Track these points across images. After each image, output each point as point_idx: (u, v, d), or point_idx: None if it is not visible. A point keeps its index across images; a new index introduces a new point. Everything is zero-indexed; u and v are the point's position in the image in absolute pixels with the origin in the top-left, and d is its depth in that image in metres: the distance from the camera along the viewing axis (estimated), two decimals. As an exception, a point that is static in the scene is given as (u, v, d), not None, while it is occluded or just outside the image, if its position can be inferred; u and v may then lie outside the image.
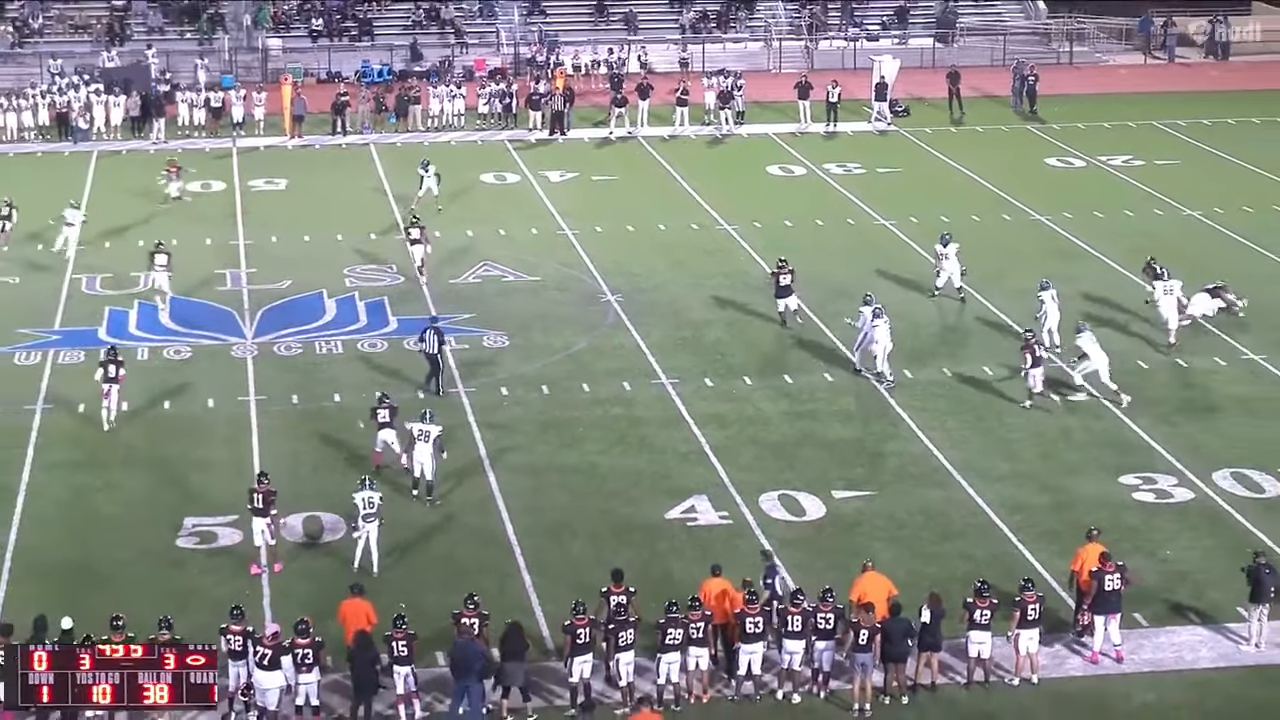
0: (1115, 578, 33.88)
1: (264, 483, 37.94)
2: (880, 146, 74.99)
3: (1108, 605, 33.95)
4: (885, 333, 47.22)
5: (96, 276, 56.27)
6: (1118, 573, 33.92)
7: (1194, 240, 60.97)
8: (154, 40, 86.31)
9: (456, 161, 70.36)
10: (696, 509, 40.34)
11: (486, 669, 32.16)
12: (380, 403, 42.76)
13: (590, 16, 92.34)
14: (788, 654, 32.94)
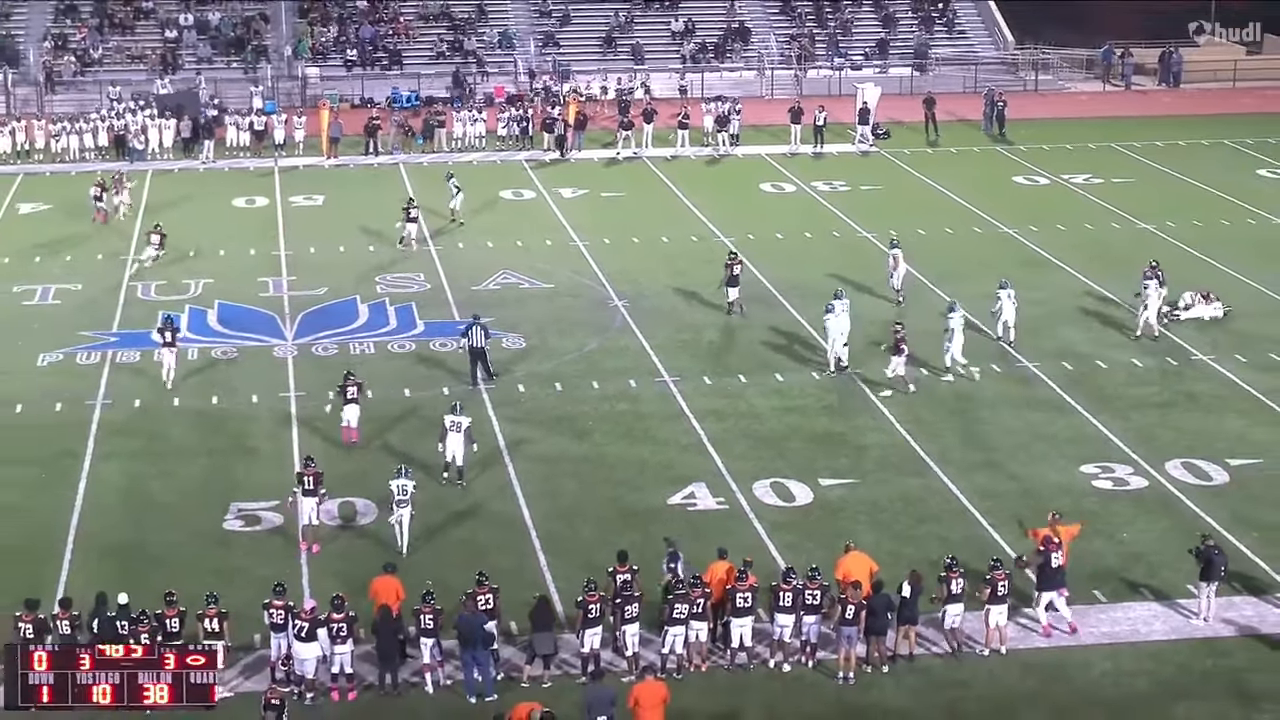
0: (1059, 555, 33.99)
1: (311, 465, 38.17)
2: (863, 166, 74.91)
3: (1054, 581, 34.10)
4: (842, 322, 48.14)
5: (151, 283, 56.27)
6: (1058, 550, 34.09)
7: (1148, 251, 60.63)
8: (203, 69, 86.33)
9: (478, 180, 70.32)
10: (696, 495, 40.35)
11: (489, 638, 32.26)
12: (347, 379, 43.36)
13: (600, 48, 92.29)
14: (779, 627, 32.97)
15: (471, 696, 31.94)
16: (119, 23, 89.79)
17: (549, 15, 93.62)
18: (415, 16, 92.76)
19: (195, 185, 70.57)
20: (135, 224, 62.94)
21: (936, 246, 60.94)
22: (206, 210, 65.62)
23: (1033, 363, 48.90)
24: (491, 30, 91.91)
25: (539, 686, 32.02)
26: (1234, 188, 69.95)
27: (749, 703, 31.94)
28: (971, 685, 32.59)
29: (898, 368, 46.81)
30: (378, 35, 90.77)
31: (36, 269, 57.98)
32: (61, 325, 52.20)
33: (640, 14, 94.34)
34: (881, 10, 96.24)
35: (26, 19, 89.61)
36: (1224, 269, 57.74)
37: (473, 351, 46.81)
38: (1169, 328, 51.50)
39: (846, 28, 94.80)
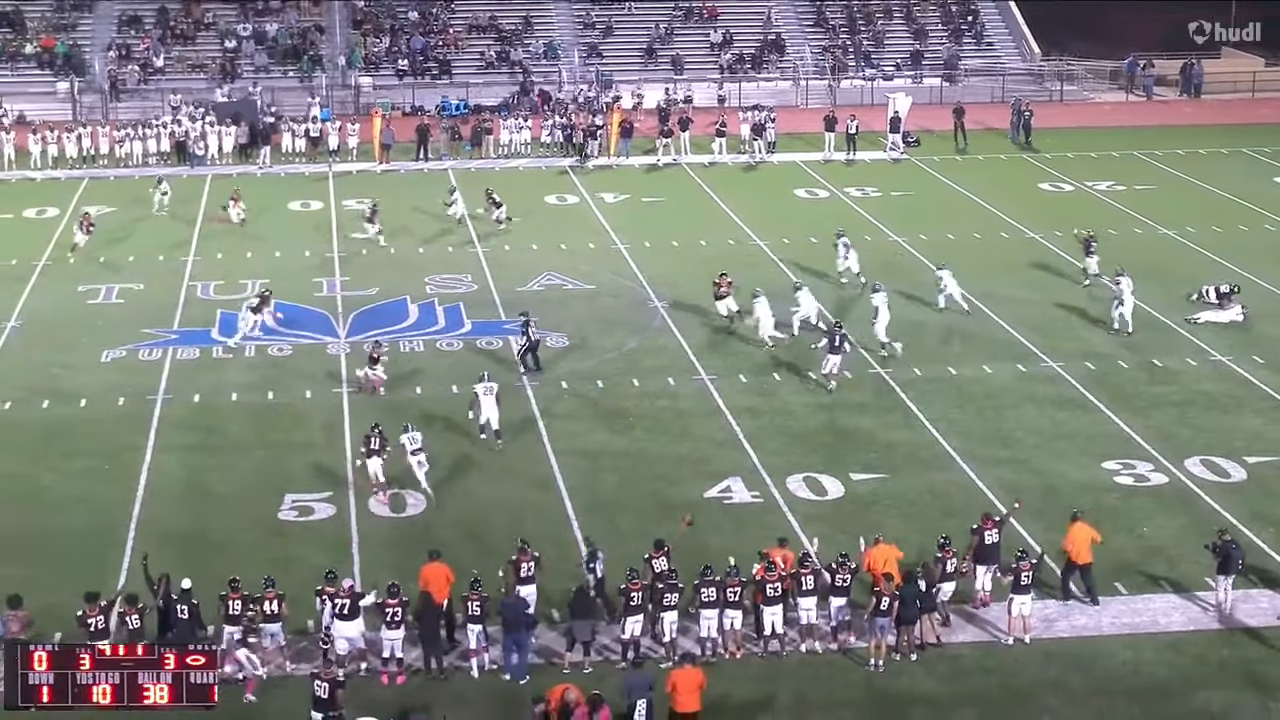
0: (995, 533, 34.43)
1: (378, 429, 39.81)
2: (894, 173, 74.78)
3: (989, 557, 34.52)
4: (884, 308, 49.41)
5: (210, 283, 56.47)
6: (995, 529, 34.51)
7: (1168, 256, 60.72)
8: (260, 78, 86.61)
9: (523, 185, 70.49)
10: (732, 489, 40.36)
11: (532, 622, 32.37)
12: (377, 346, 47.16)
13: (641, 59, 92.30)
14: (803, 611, 33.05)
15: (507, 675, 32.11)
16: (180, 33, 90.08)
17: (593, 27, 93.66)
18: (464, 28, 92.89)
19: (252, 189, 70.75)
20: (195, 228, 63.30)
21: (964, 250, 60.73)
22: (263, 213, 65.80)
23: (1056, 362, 48.78)
24: (537, 41, 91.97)
25: (580, 672, 32.08)
26: (1252, 194, 69.66)
27: (782, 689, 31.95)
28: (996, 672, 32.56)
29: (833, 366, 46.67)
30: (428, 46, 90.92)
31: (100, 269, 58.19)
32: (124, 323, 52.40)
33: (680, 26, 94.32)
34: (912, 23, 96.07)
35: (92, 30, 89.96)
36: (1242, 273, 57.45)
37: (530, 345, 47.62)
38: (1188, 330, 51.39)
39: (879, 40, 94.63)
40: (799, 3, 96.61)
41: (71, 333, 51.64)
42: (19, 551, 36.87)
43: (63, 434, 43.88)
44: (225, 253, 59.88)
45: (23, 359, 49.47)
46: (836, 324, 48.30)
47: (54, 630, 32.64)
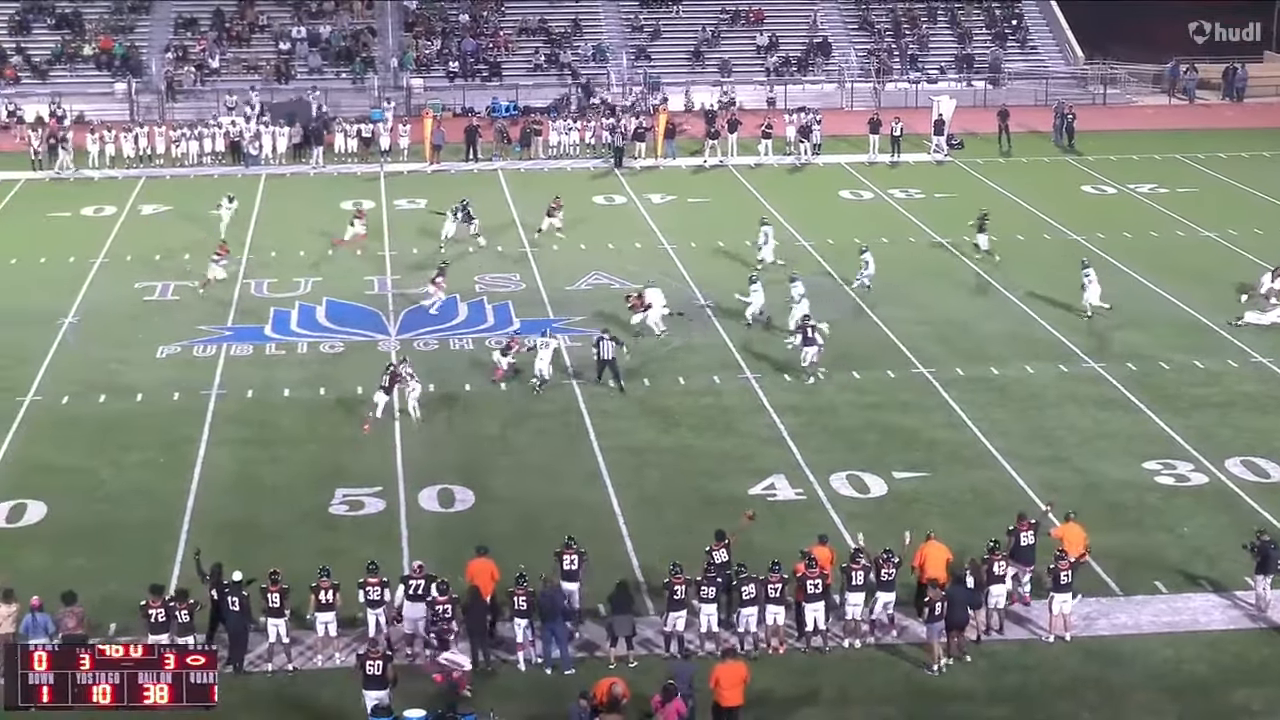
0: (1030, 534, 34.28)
1: (405, 361, 44.50)
2: (938, 175, 74.61)
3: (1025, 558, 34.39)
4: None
5: (264, 281, 56.68)
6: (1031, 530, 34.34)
7: (1211, 258, 60.47)
8: (315, 80, 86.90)
9: (572, 186, 70.54)
10: (775, 486, 40.35)
11: (570, 612, 32.45)
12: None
13: (689, 61, 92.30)
14: (851, 606, 33.02)
15: (549, 668, 32.14)
16: (235, 35, 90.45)
17: (641, 30, 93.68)
18: (514, 30, 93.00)
19: (306, 189, 71.06)
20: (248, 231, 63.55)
21: (1007, 251, 60.54)
22: (316, 213, 66.02)
23: (1098, 363, 48.64)
24: (586, 44, 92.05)
25: (625, 666, 32.11)
26: (1294, 198, 69.41)
27: (824, 683, 31.92)
28: (1036, 669, 32.47)
29: (811, 358, 47.06)
30: (479, 48, 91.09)
31: (157, 267, 58.46)
32: (180, 320, 52.63)
33: (727, 29, 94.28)
34: (957, 26, 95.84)
35: (149, 32, 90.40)
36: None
37: (602, 363, 46.48)
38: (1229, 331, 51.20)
39: (923, 43, 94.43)
40: (844, 6, 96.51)
41: (128, 329, 51.90)
42: (78, 543, 37.10)
43: (119, 428, 44.11)
44: (278, 251, 60.05)
45: (81, 354, 49.75)
46: (805, 317, 48.44)
47: (111, 621, 32.85)
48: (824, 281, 56.03)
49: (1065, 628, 33.27)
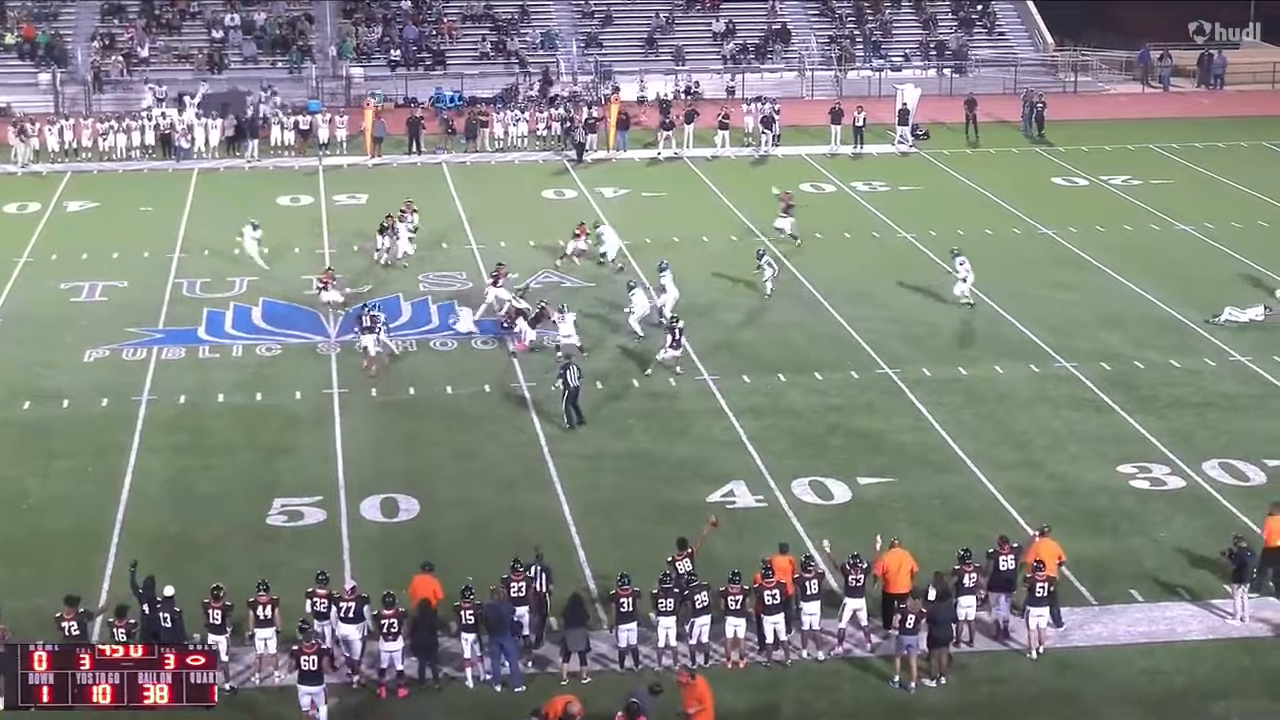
0: (1010, 559, 33.89)
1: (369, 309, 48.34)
2: (902, 167, 74.81)
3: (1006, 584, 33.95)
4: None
5: (197, 281, 56.48)
6: (1012, 554, 33.95)
7: (1186, 252, 60.79)
8: (249, 69, 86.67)
9: (520, 179, 70.56)
10: (735, 493, 40.35)
11: (518, 626, 32.40)
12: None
13: (641, 49, 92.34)
14: (807, 616, 33.07)
15: (498, 685, 32.07)
16: (166, 23, 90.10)
17: (591, 16, 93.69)
18: (459, 17, 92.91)
19: (240, 184, 70.87)
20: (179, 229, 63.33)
21: (976, 247, 60.63)
22: (251, 209, 65.81)
23: (1070, 362, 48.81)
24: (534, 31, 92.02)
25: (578, 682, 32.08)
26: (1273, 189, 69.65)
27: (785, 698, 31.94)
28: (1009, 682, 32.54)
29: (670, 357, 47.55)
30: (421, 35, 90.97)
31: (84, 266, 58.22)
32: (108, 322, 52.40)
33: (682, 15, 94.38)
34: (922, 12, 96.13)
35: (75, 19, 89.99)
36: (1262, 270, 57.52)
37: (571, 392, 44.35)
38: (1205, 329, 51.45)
39: (887, 29, 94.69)
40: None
41: (53, 331, 51.64)
42: (1, 554, 36.89)
43: (46, 435, 43.89)
44: (212, 250, 59.87)
45: (4, 358, 49.49)
46: (673, 318, 48.74)
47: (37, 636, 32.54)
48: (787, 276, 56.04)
49: (1040, 641, 33.32)
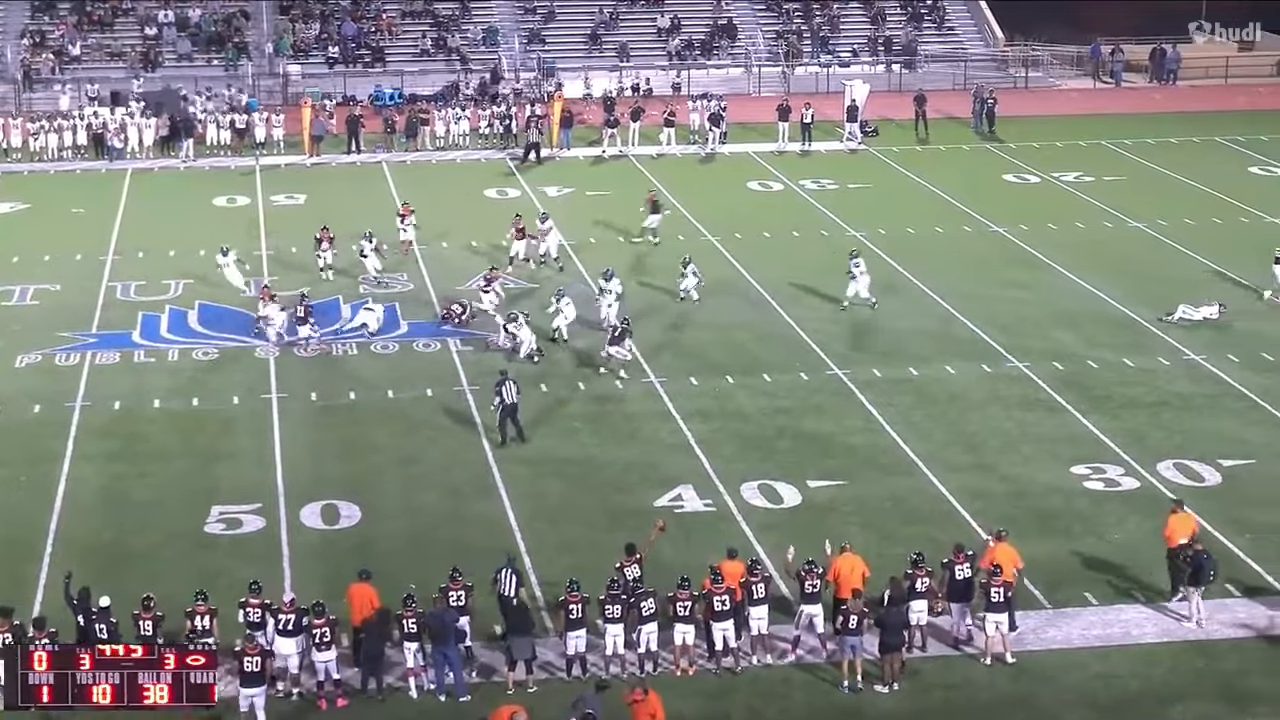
0: (966, 567, 33.93)
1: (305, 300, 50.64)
2: (851, 164, 75.00)
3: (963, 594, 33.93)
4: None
5: (131, 284, 56.26)
6: (967, 563, 33.97)
7: (1139, 249, 61.10)
8: (183, 67, 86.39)
9: (462, 178, 70.50)
10: (683, 497, 40.37)
11: (461, 634, 32.37)
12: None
13: (585, 45, 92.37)
14: (755, 621, 33.14)
15: (442, 695, 32.03)
16: (98, 19, 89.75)
17: (534, 12, 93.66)
18: (398, 13, 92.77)
19: (175, 184, 70.61)
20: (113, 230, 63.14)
21: (926, 245, 61.06)
22: (187, 210, 65.67)
23: (1023, 362, 49.00)
24: (476, 27, 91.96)
25: (524, 691, 32.06)
26: (1226, 185, 70.11)
27: (735, 706, 31.96)
28: (962, 687, 32.64)
29: (618, 353, 47.61)
30: (360, 32, 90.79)
31: (14, 269, 57.94)
32: (40, 326, 52.16)
33: (626, 10, 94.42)
34: (870, 7, 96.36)
35: (4, 16, 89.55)
36: (1216, 267, 57.90)
37: (506, 409, 43.41)
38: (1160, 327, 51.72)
39: (834, 24, 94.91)
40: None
41: (-17, 336, 51.44)
42: (-70, 567, 36.75)
43: (-25, 443, 43.74)
44: (147, 252, 59.65)
45: (-68, 364, 49.28)
46: (624, 320, 48.96)
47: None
48: (735, 276, 56.18)
49: (1004, 647, 33.39)
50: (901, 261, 58.41)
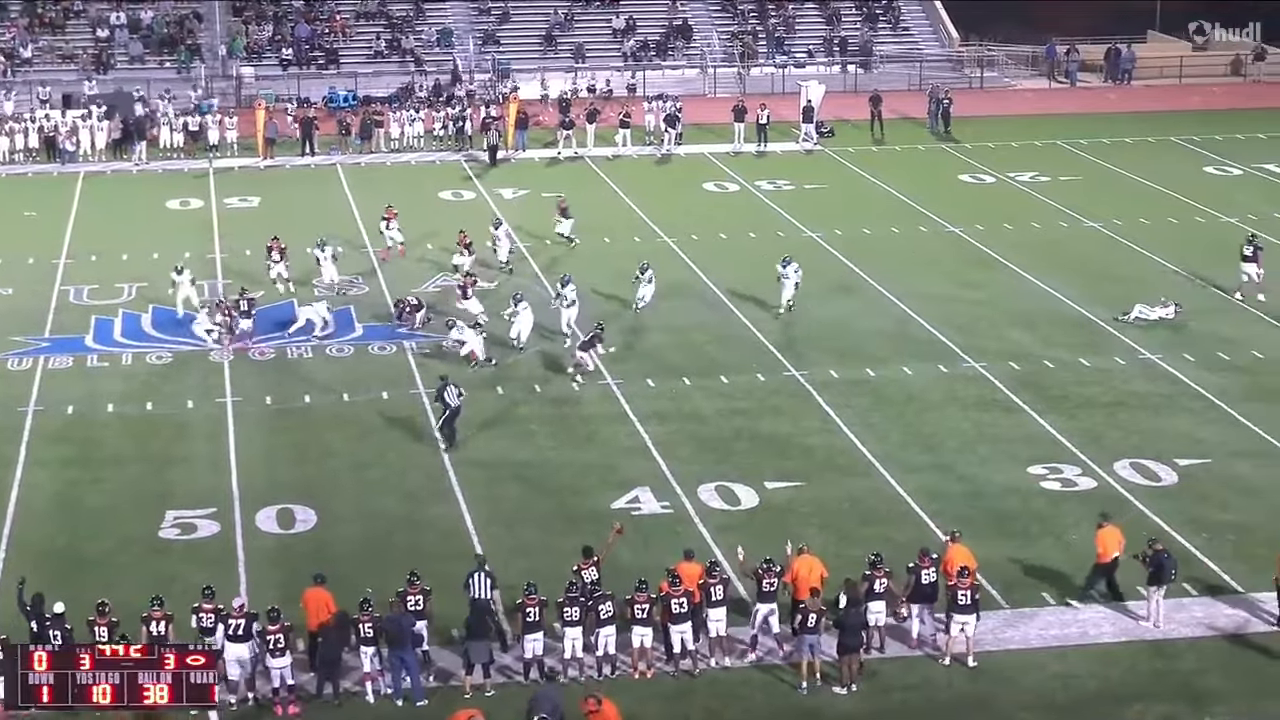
0: (931, 571, 33.95)
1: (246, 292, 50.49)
2: (807, 165, 75.10)
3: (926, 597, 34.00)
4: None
5: (84, 288, 56.03)
6: (932, 567, 33.99)
7: (1095, 249, 61.29)
8: (136, 69, 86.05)
9: (417, 181, 70.39)
10: (640, 499, 40.36)
11: (418, 639, 32.31)
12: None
13: (540, 46, 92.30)
14: (714, 623, 33.12)
15: (399, 699, 31.96)
16: (49, 22, 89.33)
17: (488, 13, 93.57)
18: (352, 15, 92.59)
19: (128, 188, 70.35)
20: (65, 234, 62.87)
21: (882, 246, 61.17)
22: (140, 213, 65.43)
23: (979, 362, 49.12)
24: (430, 28, 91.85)
25: (482, 695, 32.01)
26: (1181, 185, 70.42)
27: (694, 708, 31.95)
28: (921, 689, 32.68)
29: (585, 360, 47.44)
30: (314, 34, 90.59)
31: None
32: (-9, 330, 51.98)
33: (581, 11, 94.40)
34: (825, 7, 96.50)
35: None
36: (1172, 267, 58.13)
37: (451, 412, 43.48)
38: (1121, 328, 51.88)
39: (790, 25, 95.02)
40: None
41: (-65, 341, 51.17)
42: (-119, 574, 36.53)
43: (-73, 449, 43.50)
44: (99, 255, 59.43)
45: (-118, 370, 49.03)
46: (598, 325, 48.83)
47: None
48: (691, 278, 56.22)
49: (967, 649, 33.41)
50: (857, 262, 58.51)
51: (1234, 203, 67.66)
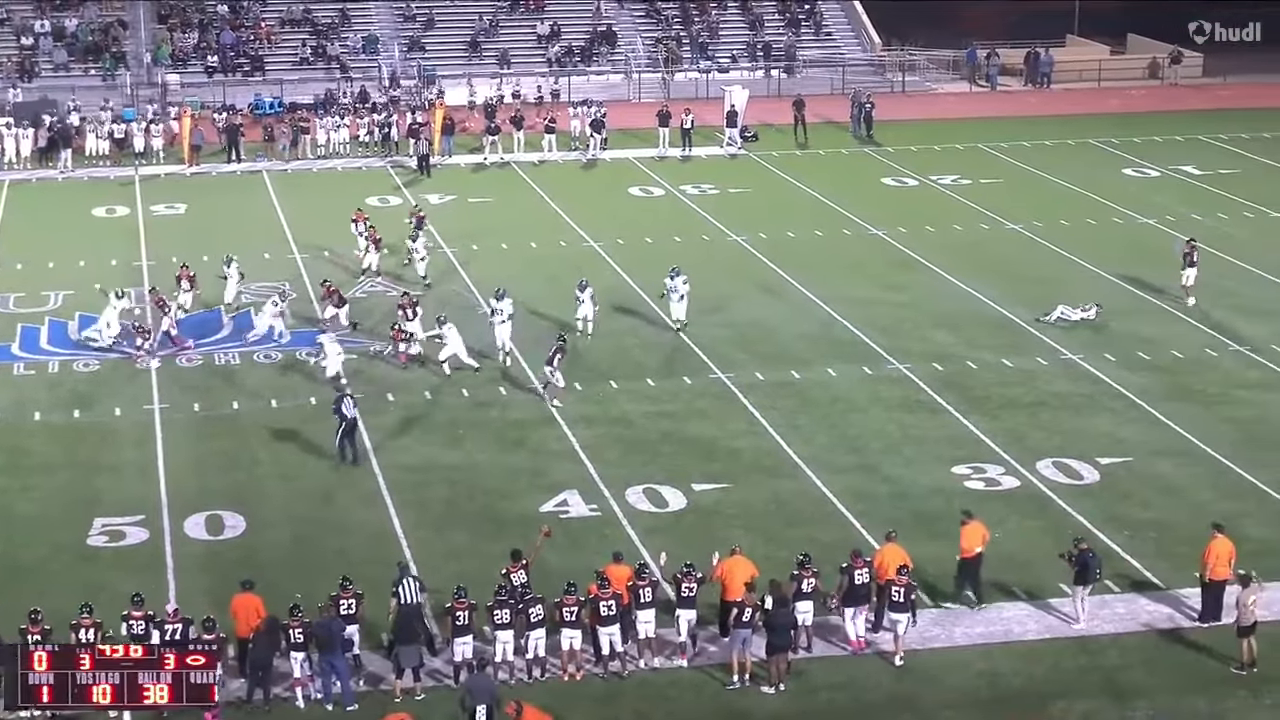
0: (864, 572, 34.00)
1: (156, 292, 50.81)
2: (732, 169, 75.22)
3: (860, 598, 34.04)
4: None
5: (9, 296, 55.63)
6: (866, 568, 34.04)
7: (1016, 251, 61.60)
8: (60, 77, 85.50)
9: (343, 187, 70.15)
10: (568, 502, 40.36)
11: (349, 643, 32.23)
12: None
13: (465, 52, 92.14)
14: (643, 625, 33.19)
15: (329, 704, 31.85)
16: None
17: (413, 19, 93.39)
18: (277, 22, 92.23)
19: (54, 195, 69.89)
20: None
21: (806, 249, 61.33)
22: (66, 221, 65.00)
23: (903, 364, 49.31)
24: (355, 35, 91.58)
25: (412, 699, 31.94)
26: (1100, 187, 70.84)
27: (624, 710, 31.97)
28: (847, 688, 32.78)
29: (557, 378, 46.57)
30: (239, 41, 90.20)
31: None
32: (-83, 339, 51.59)
33: (506, 18, 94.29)
34: (748, 12, 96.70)
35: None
36: (1091, 268, 58.46)
37: (348, 425, 42.76)
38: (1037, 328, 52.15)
39: (713, 30, 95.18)
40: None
41: None
42: None
43: None
44: (25, 263, 59.03)
45: None
46: (560, 336, 48.37)
47: None
48: (618, 282, 56.23)
49: (896, 648, 33.47)
50: (782, 265, 58.64)
51: (1152, 204, 68.14)
